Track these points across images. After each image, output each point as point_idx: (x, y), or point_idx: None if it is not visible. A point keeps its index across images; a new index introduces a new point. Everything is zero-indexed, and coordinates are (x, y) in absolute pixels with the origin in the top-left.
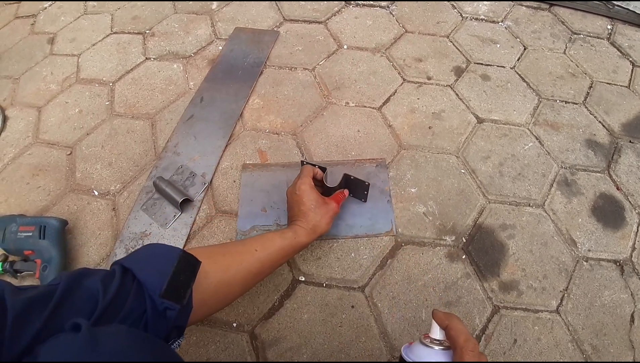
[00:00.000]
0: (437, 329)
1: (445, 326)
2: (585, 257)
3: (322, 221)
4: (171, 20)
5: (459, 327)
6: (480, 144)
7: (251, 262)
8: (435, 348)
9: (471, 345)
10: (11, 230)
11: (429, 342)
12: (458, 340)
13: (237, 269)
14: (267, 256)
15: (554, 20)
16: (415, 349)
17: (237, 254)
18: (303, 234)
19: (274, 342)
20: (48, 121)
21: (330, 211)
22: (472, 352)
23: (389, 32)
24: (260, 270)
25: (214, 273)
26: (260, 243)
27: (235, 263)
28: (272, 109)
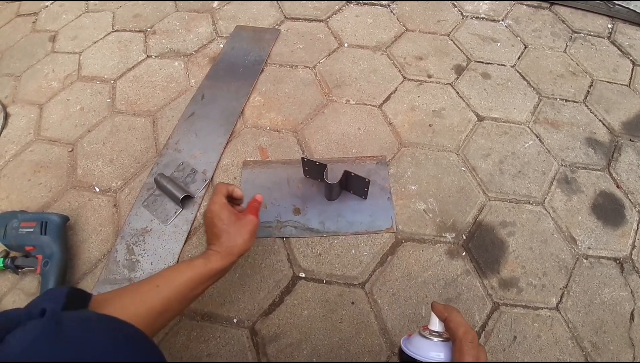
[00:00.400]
0: (437, 321)
1: (445, 318)
2: (585, 255)
3: (238, 240)
4: (172, 18)
5: (458, 319)
6: (480, 142)
7: (153, 301)
8: (435, 340)
9: (470, 336)
10: (12, 226)
11: (428, 334)
12: (457, 332)
13: (135, 310)
14: (173, 292)
15: (555, 19)
16: (415, 341)
17: (136, 293)
18: (216, 259)
19: (274, 337)
20: (49, 118)
21: (248, 226)
22: (472, 343)
23: (389, 30)
24: (166, 307)
25: (112, 313)
26: (163, 277)
27: (134, 304)
28: (272, 106)
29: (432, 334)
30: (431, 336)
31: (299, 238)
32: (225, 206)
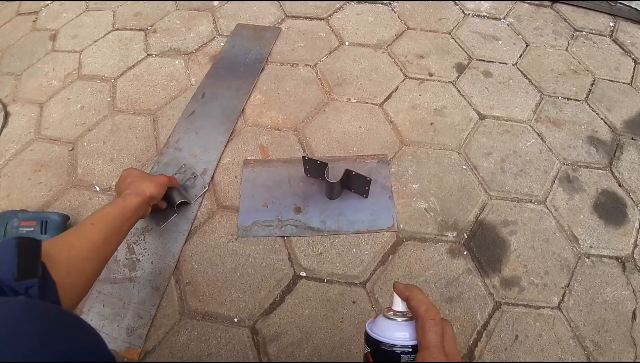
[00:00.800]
0: (399, 301)
1: (406, 297)
2: (587, 254)
3: (149, 186)
4: (173, 16)
5: (419, 297)
6: (482, 141)
7: (92, 234)
8: (399, 320)
9: (432, 313)
10: (13, 225)
11: (392, 315)
12: (419, 311)
13: (79, 244)
14: (105, 225)
15: (556, 18)
16: (379, 322)
17: (75, 231)
18: (130, 197)
19: (275, 337)
20: (50, 117)
21: (157, 179)
22: (433, 320)
23: (390, 28)
24: (104, 239)
25: (59, 252)
26: (95, 217)
27: (76, 239)
28: (273, 105)
29: (396, 315)
30: (395, 317)
31: (299, 237)
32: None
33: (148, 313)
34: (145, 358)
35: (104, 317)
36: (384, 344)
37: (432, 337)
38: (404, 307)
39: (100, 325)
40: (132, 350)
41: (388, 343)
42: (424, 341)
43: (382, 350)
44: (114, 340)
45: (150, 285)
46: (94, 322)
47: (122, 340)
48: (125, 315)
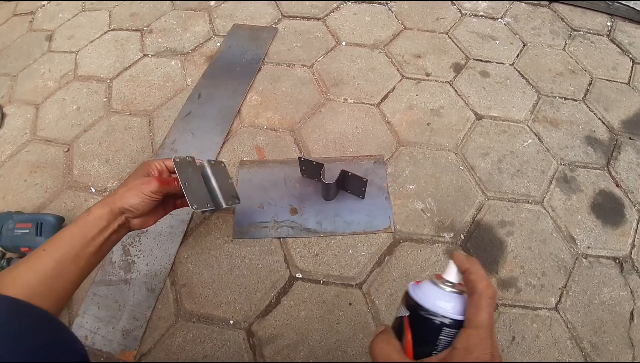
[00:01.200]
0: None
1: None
2: (585, 254)
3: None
4: (169, 17)
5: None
6: (479, 141)
7: (43, 264)
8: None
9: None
10: (8, 227)
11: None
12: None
13: (27, 278)
14: (62, 252)
15: (554, 17)
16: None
17: (24, 262)
18: (94, 209)
19: (271, 339)
20: (46, 118)
21: (143, 185)
22: (491, 299)
23: (387, 28)
24: (59, 270)
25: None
26: (51, 241)
27: (23, 272)
28: (270, 105)
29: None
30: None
31: (295, 238)
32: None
33: (143, 315)
34: (140, 361)
35: (99, 319)
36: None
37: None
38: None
39: (95, 327)
40: (128, 352)
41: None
42: (475, 319)
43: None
44: (109, 343)
45: (146, 287)
46: (89, 324)
47: (118, 342)
48: (120, 317)
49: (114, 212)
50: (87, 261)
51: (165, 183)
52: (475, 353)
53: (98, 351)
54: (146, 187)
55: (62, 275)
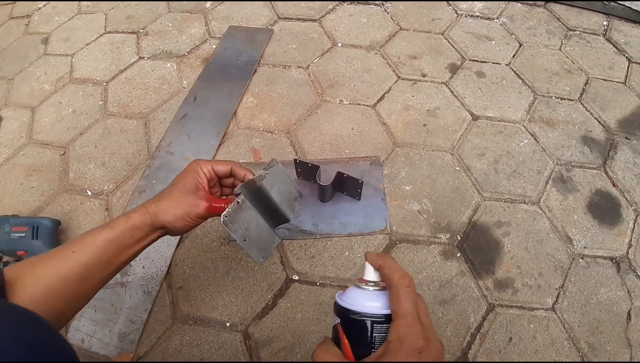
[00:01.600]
0: (371, 270)
1: (379, 266)
2: (581, 254)
3: (169, 210)
4: (165, 19)
5: (392, 264)
6: (475, 142)
7: (68, 267)
8: (370, 290)
9: (407, 281)
10: (4, 231)
11: (363, 285)
12: (392, 278)
13: (49, 278)
14: (90, 256)
15: (550, 17)
16: (350, 292)
17: (50, 261)
18: (138, 215)
19: (268, 341)
20: (42, 121)
21: (189, 207)
22: (408, 287)
23: (383, 29)
24: (84, 275)
25: (23, 288)
26: (82, 242)
27: (47, 272)
28: (265, 107)
29: (367, 284)
30: (367, 286)
31: (292, 240)
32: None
33: (140, 318)
34: None
35: (96, 322)
36: (354, 312)
37: (407, 305)
38: (376, 277)
39: (92, 330)
40: (124, 355)
41: (358, 312)
42: (398, 309)
43: (352, 319)
44: (105, 346)
45: (142, 290)
46: (86, 327)
47: (114, 345)
48: (117, 320)
49: (154, 225)
50: (116, 268)
51: (214, 210)
52: (407, 342)
53: (95, 354)
54: (193, 211)
55: (87, 281)
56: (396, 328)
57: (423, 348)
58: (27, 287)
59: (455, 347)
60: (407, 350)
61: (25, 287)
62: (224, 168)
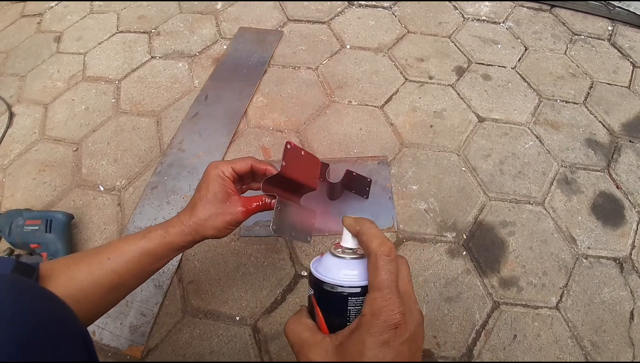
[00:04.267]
0: (349, 236)
1: (357, 232)
2: (585, 254)
3: (209, 222)
4: (176, 19)
5: (372, 230)
6: (481, 143)
7: (102, 274)
8: (347, 258)
9: (387, 249)
10: (17, 224)
11: (340, 252)
12: (371, 246)
13: (83, 283)
14: (125, 266)
15: (555, 22)
16: (325, 260)
17: (85, 265)
18: (177, 233)
19: (276, 335)
20: (54, 117)
21: (228, 216)
22: (388, 256)
23: (391, 32)
24: (117, 282)
25: (55, 287)
26: (116, 249)
27: (81, 275)
28: (275, 107)
29: (344, 252)
30: (344, 254)
31: None
32: (222, 178)
33: (151, 311)
34: (147, 356)
35: (107, 315)
36: (327, 284)
37: (385, 276)
38: (354, 244)
39: (103, 322)
40: (135, 347)
41: (331, 284)
42: (375, 281)
43: (326, 291)
44: (116, 338)
45: (153, 284)
46: (97, 320)
47: (125, 337)
48: (128, 313)
49: (195, 240)
50: (148, 275)
51: (251, 212)
52: (382, 317)
53: (106, 346)
54: (234, 219)
55: (119, 288)
56: (371, 301)
57: (399, 323)
58: (59, 286)
59: (460, 343)
60: (381, 325)
61: (58, 286)
62: (244, 166)
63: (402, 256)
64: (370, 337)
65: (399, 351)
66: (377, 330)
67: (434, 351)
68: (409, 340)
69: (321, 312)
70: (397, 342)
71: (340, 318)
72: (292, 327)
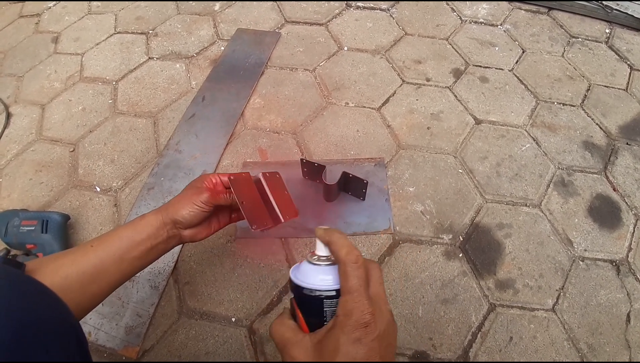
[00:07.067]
0: (322, 245)
1: (327, 242)
2: (582, 257)
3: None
4: (174, 21)
5: (340, 240)
6: (477, 145)
7: (86, 261)
8: (322, 265)
9: (353, 256)
10: (14, 224)
11: (315, 260)
12: (339, 254)
13: (68, 271)
14: (107, 251)
15: (553, 24)
16: (302, 267)
17: (70, 254)
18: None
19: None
20: (51, 118)
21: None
22: (355, 263)
23: (389, 34)
24: (100, 268)
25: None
26: (100, 238)
27: (64, 265)
28: (272, 108)
29: (320, 259)
30: (318, 261)
31: (297, 238)
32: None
33: (147, 312)
34: (143, 357)
35: (103, 316)
36: (306, 289)
37: (353, 281)
38: (327, 251)
39: (99, 323)
40: (131, 348)
41: (308, 288)
42: (346, 285)
43: (304, 295)
44: (112, 339)
45: (149, 285)
46: (93, 320)
47: (121, 338)
48: (124, 314)
49: (164, 221)
50: (129, 264)
51: (216, 194)
52: (354, 317)
53: (101, 347)
54: (196, 197)
55: (102, 275)
56: (343, 304)
57: (369, 322)
58: (46, 276)
59: (456, 345)
60: (353, 324)
61: (45, 276)
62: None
63: (374, 261)
64: (343, 335)
65: (370, 347)
66: (349, 329)
67: (429, 353)
68: (379, 337)
69: (301, 313)
70: (368, 339)
71: (318, 318)
72: (276, 327)
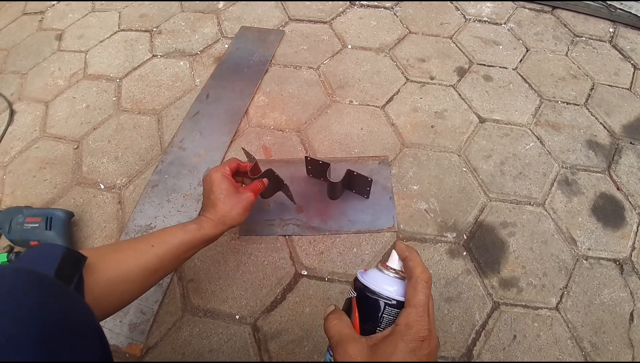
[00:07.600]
0: (396, 259)
1: (405, 257)
2: (585, 256)
3: (232, 212)
4: (178, 18)
5: (417, 259)
6: (481, 144)
7: (147, 258)
8: (390, 275)
9: (426, 276)
10: (17, 221)
11: (385, 270)
12: (414, 271)
13: (130, 266)
14: (166, 252)
15: (557, 23)
16: (371, 272)
17: (131, 250)
18: (209, 226)
19: (276, 334)
20: (55, 115)
21: (244, 201)
22: (427, 282)
23: (392, 32)
24: (159, 266)
25: (103, 271)
26: (158, 238)
27: (128, 260)
28: (276, 106)
29: (388, 270)
30: (388, 271)
31: (301, 236)
32: (226, 177)
33: (150, 309)
34: (147, 354)
35: None
36: (371, 291)
37: (422, 297)
38: (399, 265)
39: (102, 321)
40: (134, 345)
41: (375, 291)
42: (413, 299)
43: (367, 296)
44: (116, 336)
45: None
46: None
47: (125, 335)
48: (127, 311)
49: (222, 231)
50: (181, 263)
51: (256, 193)
52: (414, 329)
53: None
54: (248, 202)
55: (158, 272)
56: (407, 315)
57: (426, 337)
58: (108, 270)
59: (460, 343)
60: (412, 335)
61: (107, 270)
62: (233, 164)
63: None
64: (402, 342)
65: (421, 360)
66: (408, 338)
67: None
68: (429, 354)
69: (358, 314)
70: (421, 353)
71: (373, 323)
72: (334, 322)
